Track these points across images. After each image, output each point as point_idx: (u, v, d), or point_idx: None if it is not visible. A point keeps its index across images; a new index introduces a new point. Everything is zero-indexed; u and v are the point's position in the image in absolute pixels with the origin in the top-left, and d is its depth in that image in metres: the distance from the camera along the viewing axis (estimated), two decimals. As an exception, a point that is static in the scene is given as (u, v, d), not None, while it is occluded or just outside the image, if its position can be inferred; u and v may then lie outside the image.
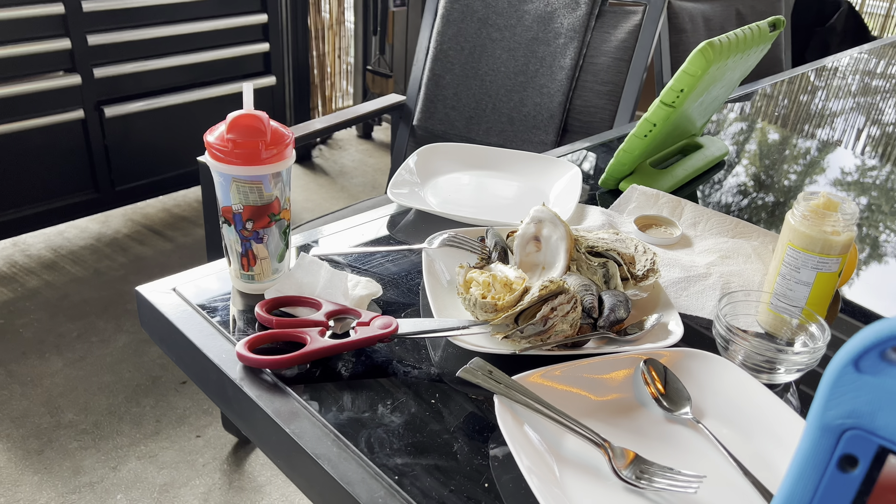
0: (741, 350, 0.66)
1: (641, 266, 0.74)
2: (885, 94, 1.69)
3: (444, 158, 1.06)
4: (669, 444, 0.59)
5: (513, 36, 1.61)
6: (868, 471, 0.33)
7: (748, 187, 1.14)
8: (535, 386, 0.60)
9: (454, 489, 0.54)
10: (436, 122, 1.71)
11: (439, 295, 0.74)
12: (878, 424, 0.32)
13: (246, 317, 0.72)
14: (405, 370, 0.65)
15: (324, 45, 3.13)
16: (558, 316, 0.65)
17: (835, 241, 0.68)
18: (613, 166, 1.02)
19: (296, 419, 0.59)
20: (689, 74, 0.90)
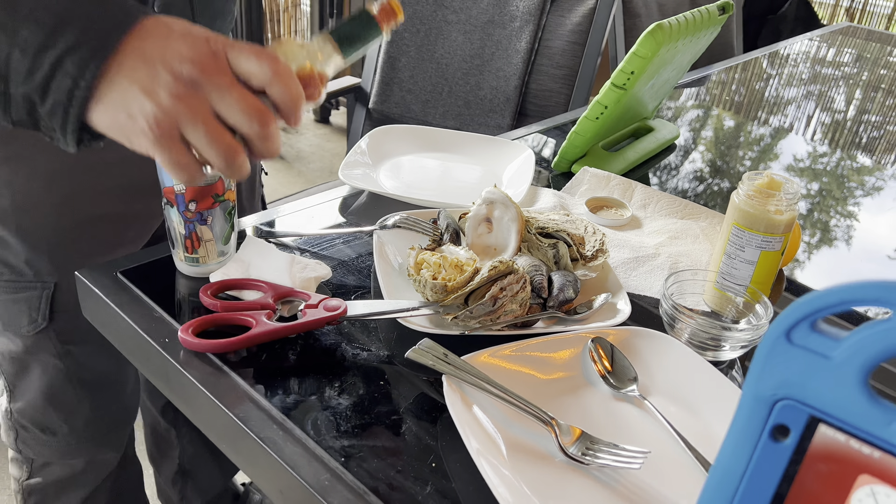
0: (687, 328, 0.67)
1: (591, 247, 0.74)
2: (835, 82, 1.73)
3: (396, 140, 1.05)
4: (616, 421, 0.60)
5: (468, 18, 1.60)
6: (799, 440, 0.33)
7: (700, 172, 1.15)
8: (484, 366, 0.60)
9: (401, 470, 0.54)
10: (392, 106, 1.70)
11: (390, 277, 0.73)
12: (808, 394, 0.33)
13: (191, 301, 0.70)
14: (354, 352, 0.65)
15: (279, 28, 3.08)
16: (507, 296, 0.65)
17: (778, 220, 0.69)
18: (566, 149, 1.02)
19: (240, 403, 0.58)
20: (640, 56, 0.90)
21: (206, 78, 0.48)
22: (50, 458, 0.98)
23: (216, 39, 0.49)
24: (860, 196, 1.14)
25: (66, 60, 0.47)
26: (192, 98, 0.48)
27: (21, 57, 0.47)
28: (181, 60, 0.47)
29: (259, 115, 0.49)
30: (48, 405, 0.93)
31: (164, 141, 0.48)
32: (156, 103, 0.47)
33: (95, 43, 0.47)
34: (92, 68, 0.47)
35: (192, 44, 0.48)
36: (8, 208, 0.80)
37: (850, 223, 1.04)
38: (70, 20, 0.47)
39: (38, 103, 0.49)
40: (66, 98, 0.47)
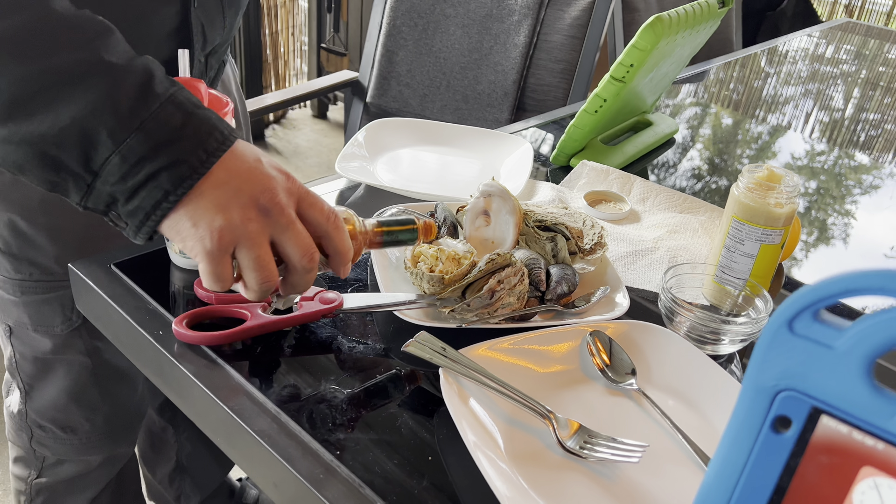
0: (686, 322, 0.66)
1: (589, 240, 0.74)
2: (834, 79, 1.72)
3: (393, 133, 1.04)
4: (614, 414, 0.59)
5: (467, 12, 1.60)
6: (801, 431, 0.33)
7: (698, 168, 1.15)
8: (482, 359, 0.59)
9: (397, 463, 0.53)
10: (389, 100, 1.69)
11: (387, 270, 0.73)
12: (810, 385, 0.32)
13: (185, 294, 0.70)
14: (350, 345, 0.64)
15: (276, 23, 3.06)
16: (505, 289, 0.65)
17: (778, 213, 0.69)
18: (564, 142, 1.01)
19: (235, 396, 0.57)
20: (639, 49, 0.90)
21: (277, 210, 0.53)
22: (67, 456, 0.98)
23: (293, 181, 0.55)
24: (858, 194, 1.14)
25: (163, 175, 0.51)
26: (259, 223, 0.53)
27: (120, 162, 0.50)
28: (261, 190, 0.52)
29: (310, 253, 0.55)
30: (71, 403, 0.93)
31: (217, 254, 0.53)
32: (226, 219, 0.52)
33: (196, 163, 0.51)
34: (186, 186, 0.51)
35: (273, 177, 0.54)
36: (37, 207, 0.80)
37: (848, 221, 1.04)
38: (177, 139, 0.51)
39: (120, 202, 0.52)
40: (152, 207, 0.51)
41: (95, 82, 0.50)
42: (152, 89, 0.51)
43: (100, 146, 0.50)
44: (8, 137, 0.51)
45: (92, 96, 0.50)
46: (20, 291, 0.85)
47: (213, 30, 0.80)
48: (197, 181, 0.51)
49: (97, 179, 0.51)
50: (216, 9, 0.79)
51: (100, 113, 0.49)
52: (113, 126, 0.50)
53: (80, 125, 0.50)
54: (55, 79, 0.49)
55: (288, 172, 0.55)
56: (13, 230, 0.81)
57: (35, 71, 0.49)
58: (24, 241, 0.82)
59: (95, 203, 0.53)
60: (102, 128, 0.50)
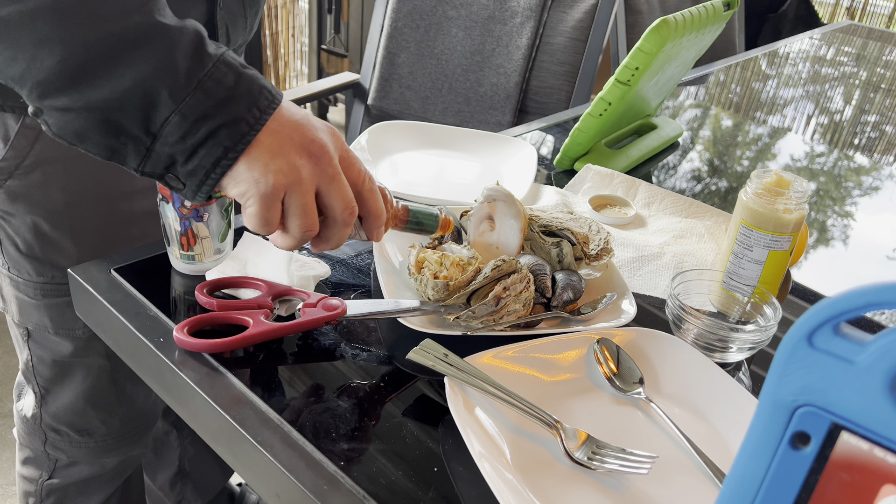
0: (693, 329, 0.65)
1: (595, 245, 0.73)
2: (835, 81, 1.72)
3: (396, 137, 1.03)
4: (622, 424, 0.59)
5: (469, 14, 1.59)
6: (821, 448, 0.32)
7: (700, 171, 1.14)
8: (487, 367, 0.59)
9: (403, 474, 0.52)
10: (391, 102, 1.68)
11: (391, 276, 0.72)
12: (830, 400, 0.31)
13: (187, 300, 0.69)
14: (353, 353, 0.63)
15: (277, 24, 3.05)
16: (511, 296, 0.64)
17: (787, 220, 0.68)
18: (568, 146, 1.01)
19: (237, 405, 0.57)
20: (644, 52, 0.89)
21: (325, 160, 0.55)
22: (82, 459, 0.97)
23: (338, 137, 0.57)
24: (858, 196, 1.13)
25: (222, 132, 0.52)
26: (309, 170, 0.55)
27: (180, 121, 0.52)
28: (311, 139, 0.55)
29: (351, 206, 0.57)
30: (88, 407, 0.93)
31: (270, 196, 0.54)
32: (281, 162, 0.54)
33: (252, 120, 0.53)
34: (245, 142, 0.53)
35: (322, 132, 0.56)
36: (61, 209, 0.80)
37: (848, 223, 1.03)
38: (233, 97, 0.52)
39: (179, 163, 0.53)
40: (213, 164, 0.53)
41: (154, 44, 0.51)
42: (205, 49, 0.52)
43: (160, 106, 0.51)
44: (70, 105, 0.51)
45: (152, 58, 0.50)
46: (42, 294, 0.85)
47: (235, 30, 0.82)
48: (254, 136, 0.53)
49: (157, 141, 0.52)
50: (238, 9, 0.80)
51: (161, 74, 0.50)
52: (173, 85, 0.51)
53: (143, 87, 0.50)
54: (115, 43, 0.50)
55: (333, 128, 0.57)
56: (36, 233, 0.81)
57: (95, 37, 0.50)
58: (47, 244, 0.81)
59: (154, 167, 0.54)
60: (163, 88, 0.51)
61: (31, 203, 0.79)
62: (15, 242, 0.82)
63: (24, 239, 0.81)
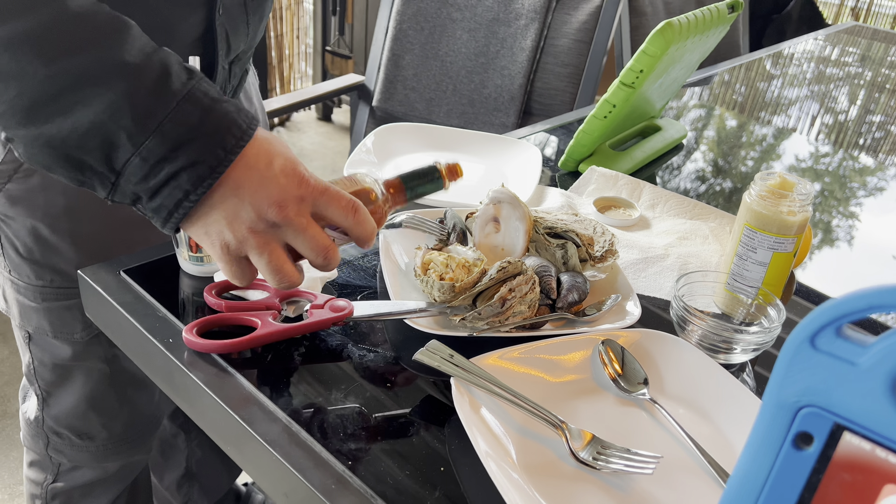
0: (698, 330, 0.66)
1: (600, 247, 0.73)
2: (839, 82, 1.72)
3: (401, 138, 1.04)
4: (627, 424, 0.59)
5: (473, 16, 1.59)
6: (823, 448, 0.32)
7: (705, 172, 1.14)
8: (493, 368, 0.59)
9: (409, 474, 0.53)
10: (395, 104, 1.69)
11: (397, 277, 0.72)
12: (833, 401, 0.32)
13: (195, 301, 0.69)
14: (360, 354, 0.64)
15: (281, 26, 3.07)
16: (516, 297, 0.64)
17: (790, 222, 0.68)
18: (573, 148, 1.01)
19: (246, 405, 0.57)
20: (649, 55, 0.89)
21: (287, 221, 0.54)
22: (83, 463, 0.97)
23: (306, 184, 0.55)
24: (863, 196, 1.13)
25: (183, 175, 0.51)
26: (266, 235, 0.54)
27: (140, 164, 0.51)
28: (269, 204, 0.53)
29: (325, 252, 0.56)
30: (90, 410, 0.92)
31: (230, 261, 0.56)
32: (233, 232, 0.54)
33: (214, 162, 0.52)
34: (205, 185, 0.52)
35: (284, 186, 0.54)
36: (62, 213, 0.80)
37: (853, 224, 1.03)
38: (194, 138, 0.51)
39: (144, 200, 0.53)
40: (174, 206, 0.53)
41: (112, 84, 0.50)
42: (169, 87, 0.51)
43: (120, 148, 0.51)
44: (32, 140, 0.51)
45: (109, 99, 0.49)
46: (41, 298, 0.85)
47: (237, 37, 0.80)
48: (216, 180, 0.52)
49: (121, 178, 0.52)
50: (240, 16, 0.79)
51: (118, 116, 0.50)
52: (131, 129, 0.50)
53: (99, 129, 0.50)
54: (72, 81, 0.49)
55: (302, 175, 0.55)
56: (36, 237, 0.81)
57: (52, 73, 0.49)
58: (47, 248, 0.82)
59: (122, 198, 0.54)
60: (121, 131, 0.50)
61: (30, 207, 0.79)
62: (15, 246, 0.82)
63: (23, 242, 0.82)
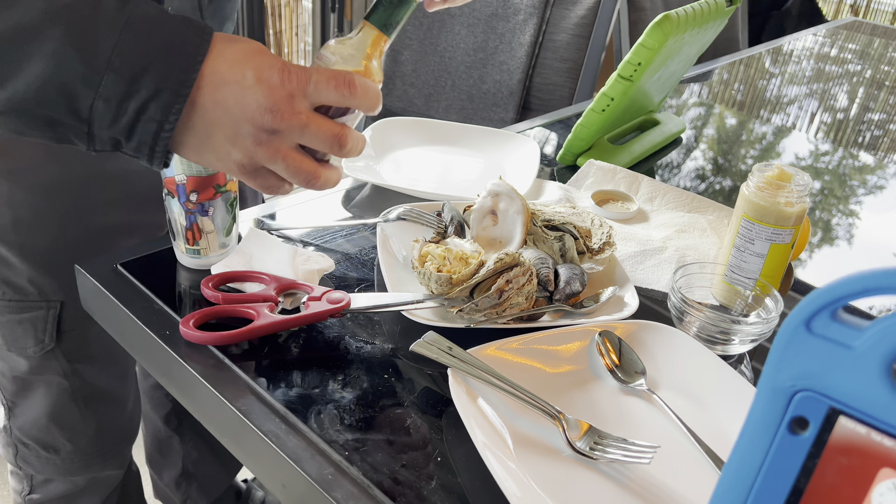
0: (696, 322, 0.66)
1: (598, 239, 0.73)
2: (839, 78, 1.71)
3: (399, 133, 1.03)
4: (624, 415, 0.59)
5: (472, 11, 1.59)
6: (819, 432, 0.32)
7: (703, 169, 1.14)
8: (490, 359, 0.59)
9: (406, 464, 0.53)
10: (394, 100, 1.68)
11: (394, 270, 0.72)
12: (828, 385, 0.32)
13: (192, 294, 0.69)
14: (358, 345, 0.64)
15: (280, 23, 3.06)
16: (513, 289, 0.64)
17: (788, 213, 0.68)
18: (571, 141, 1.01)
19: (242, 397, 0.57)
20: (647, 48, 0.89)
21: (285, 123, 0.51)
22: (51, 475, 0.96)
23: (290, 78, 0.51)
24: (863, 194, 1.13)
25: (150, 106, 0.49)
26: (273, 143, 0.51)
27: (105, 106, 0.49)
28: (261, 112, 0.50)
29: (337, 139, 0.53)
30: (52, 424, 0.90)
31: (251, 176, 0.53)
32: (240, 150, 0.51)
33: (176, 86, 0.49)
34: (175, 111, 0.49)
35: (268, 91, 0.50)
36: (9, 225, 0.78)
37: (853, 221, 1.03)
38: (148, 66, 0.48)
39: (123, 143, 0.51)
40: (153, 139, 0.50)
41: (48, 32, 0.47)
42: (105, 20, 0.48)
43: (80, 96, 0.48)
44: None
45: (51, 48, 0.47)
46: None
47: None
48: (184, 103, 0.49)
49: (92, 126, 0.50)
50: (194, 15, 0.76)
51: (66, 62, 0.47)
52: (82, 73, 0.47)
53: (53, 80, 0.47)
54: (9, 39, 0.47)
55: (282, 71, 0.51)
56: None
57: None
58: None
59: (102, 146, 0.52)
60: (74, 77, 0.48)
61: None
62: None
63: None
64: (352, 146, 0.54)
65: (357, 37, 0.58)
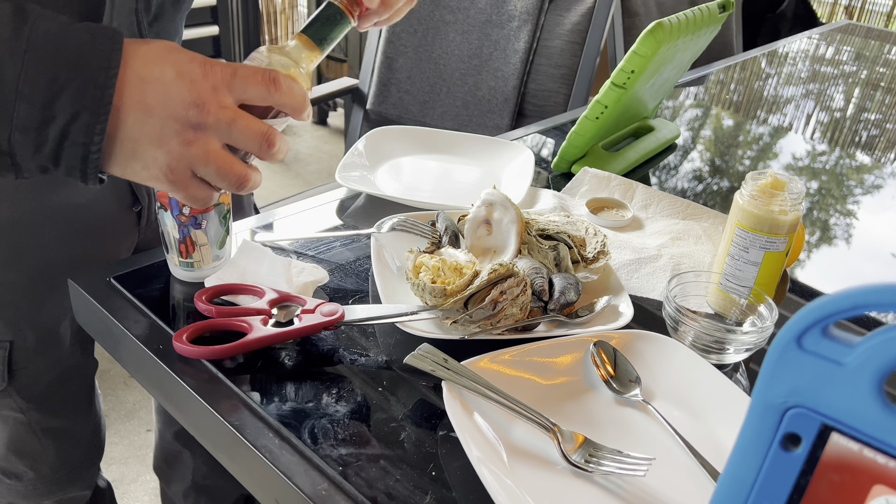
0: (691, 331, 0.66)
1: (592, 248, 0.73)
2: (834, 80, 1.72)
3: (394, 141, 1.03)
4: (619, 426, 0.59)
5: (466, 18, 1.59)
6: (811, 449, 0.32)
7: (700, 171, 1.14)
8: (485, 371, 0.59)
9: (400, 479, 0.52)
10: (389, 107, 1.68)
11: (389, 281, 0.72)
12: (820, 402, 0.32)
13: (186, 307, 0.69)
14: (352, 358, 0.64)
15: (276, 30, 3.07)
16: (508, 299, 0.64)
17: (782, 221, 0.68)
18: (566, 149, 1.01)
19: (236, 411, 0.57)
20: (640, 55, 0.89)
21: (212, 117, 0.49)
22: (15, 500, 0.94)
23: (212, 71, 0.49)
24: (860, 194, 1.13)
25: (72, 129, 0.47)
26: (200, 141, 0.49)
27: (23, 137, 0.47)
28: (185, 107, 0.48)
29: (264, 138, 0.51)
30: (11, 454, 0.89)
31: (179, 183, 0.51)
32: (167, 153, 0.49)
33: (93, 105, 0.46)
34: (98, 130, 0.47)
35: (190, 85, 0.48)
36: None
37: (851, 222, 1.03)
38: (60, 89, 0.46)
39: (51, 169, 0.49)
40: (81, 163, 0.48)
41: None
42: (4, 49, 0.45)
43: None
44: None
45: None
46: None
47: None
48: (107, 119, 0.47)
49: (16, 157, 0.48)
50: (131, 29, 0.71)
51: None
52: None
53: None
54: None
55: (202, 60, 0.49)
56: None
57: None
58: None
59: (31, 174, 0.50)
60: None
61: None
62: None
63: None
64: (279, 147, 0.52)
65: (290, 46, 0.57)
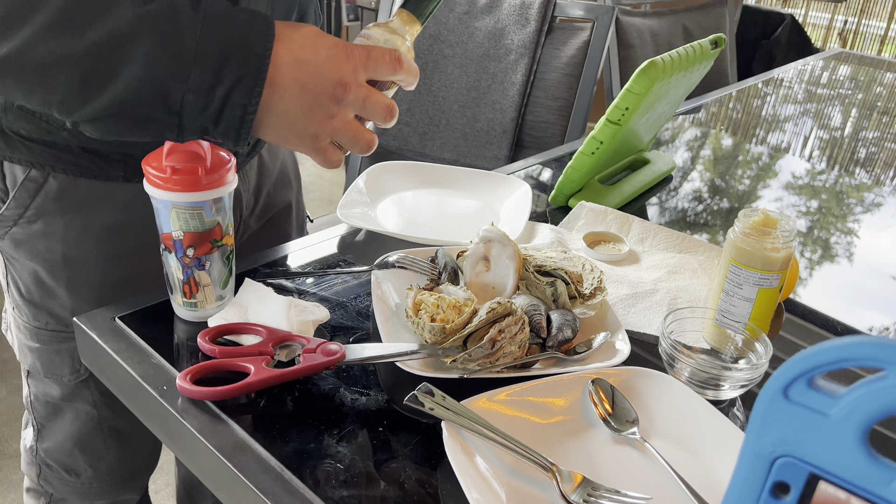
0: (686, 367, 0.66)
1: (589, 284, 0.74)
2: (829, 102, 1.74)
3: (394, 177, 1.05)
4: (618, 465, 0.59)
5: (464, 52, 1.62)
6: (800, 498, 0.33)
7: (695, 203, 1.16)
8: (484, 410, 0.60)
9: (401, 520, 0.53)
10: (389, 138, 1.71)
11: (388, 319, 0.73)
12: (807, 451, 0.33)
13: (189, 346, 0.70)
14: (353, 397, 0.64)
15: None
16: (506, 338, 0.65)
17: (775, 258, 0.70)
18: (562, 183, 1.03)
19: (239, 453, 0.58)
20: (634, 93, 0.91)
21: (352, 95, 0.60)
22: (69, 497, 0.99)
23: (353, 54, 0.60)
24: (860, 213, 1.15)
25: (234, 92, 0.56)
26: (341, 114, 0.61)
27: (194, 98, 0.56)
28: (333, 86, 0.59)
29: (388, 110, 0.63)
30: (76, 449, 0.93)
31: (321, 150, 0.62)
32: (316, 124, 0.60)
33: (255, 71, 0.56)
34: (257, 93, 0.57)
35: (337, 66, 0.59)
36: (59, 261, 0.81)
37: (851, 240, 1.05)
38: (229, 56, 0.55)
39: (210, 129, 0.58)
40: (239, 122, 0.58)
41: (138, 35, 0.53)
42: (186, 20, 0.54)
43: (172, 91, 0.55)
44: (98, 114, 0.56)
45: (143, 49, 0.53)
46: (35, 338, 0.86)
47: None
48: (263, 85, 0.56)
49: (183, 118, 0.56)
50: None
51: (157, 61, 0.54)
52: (172, 69, 0.54)
53: (148, 79, 0.54)
54: (106, 46, 0.53)
55: (344, 45, 0.60)
56: (36, 280, 0.83)
57: (86, 46, 0.53)
58: (45, 292, 0.83)
59: (190, 135, 0.59)
60: (165, 74, 0.54)
61: (31, 251, 0.81)
62: (18, 286, 0.84)
63: (25, 284, 0.83)
64: (395, 118, 0.64)
65: (395, 23, 0.66)
